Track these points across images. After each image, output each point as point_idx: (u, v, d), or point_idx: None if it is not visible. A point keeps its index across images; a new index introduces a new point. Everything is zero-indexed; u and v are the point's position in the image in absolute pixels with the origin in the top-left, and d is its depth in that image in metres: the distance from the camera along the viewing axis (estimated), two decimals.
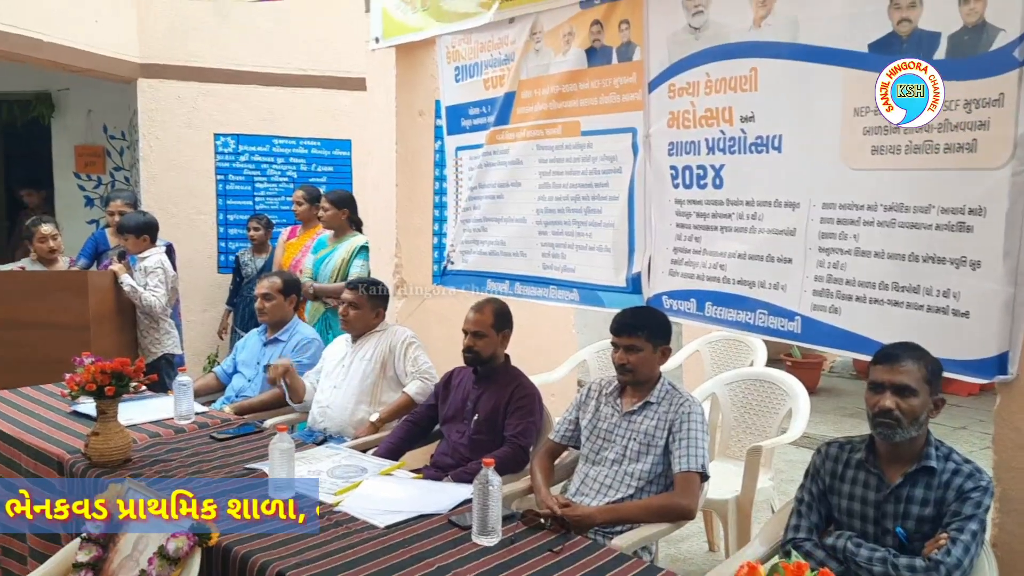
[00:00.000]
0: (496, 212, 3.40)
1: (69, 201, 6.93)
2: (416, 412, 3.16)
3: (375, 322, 3.53)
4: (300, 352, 3.79)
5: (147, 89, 5.71)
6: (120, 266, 4.43)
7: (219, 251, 6.02)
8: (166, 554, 1.84)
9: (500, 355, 2.99)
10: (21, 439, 2.84)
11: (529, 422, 2.85)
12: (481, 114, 3.45)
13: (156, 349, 4.55)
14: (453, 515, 2.17)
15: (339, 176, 6.19)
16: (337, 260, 4.85)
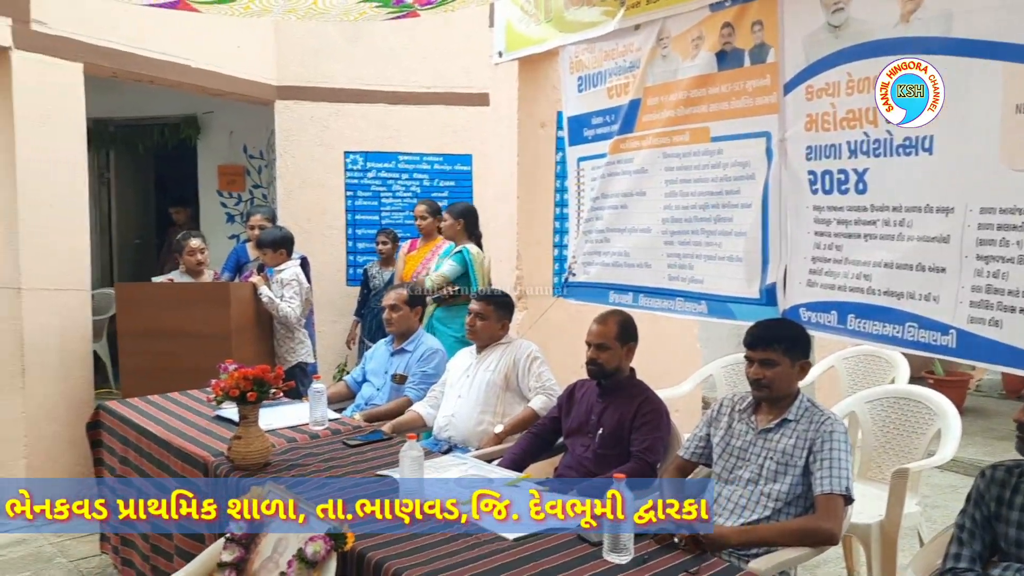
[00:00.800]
0: (620, 222, 3.35)
1: (212, 217, 7.39)
2: (540, 424, 3.14)
3: (500, 333, 3.55)
4: (424, 362, 3.85)
5: (283, 110, 6.01)
6: (259, 278, 4.66)
7: (348, 264, 6.23)
8: (304, 557, 1.89)
9: (625, 368, 2.94)
10: (170, 442, 3.01)
11: (656, 437, 2.78)
12: (604, 123, 3.41)
13: (291, 358, 4.74)
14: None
15: (460, 190, 6.29)
16: (443, 264, 4.92)
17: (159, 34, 4.88)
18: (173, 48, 5.01)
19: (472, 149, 6.21)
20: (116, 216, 8.04)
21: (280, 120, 6.02)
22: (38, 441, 4.36)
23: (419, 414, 3.57)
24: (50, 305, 4.38)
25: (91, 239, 4.70)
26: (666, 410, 2.87)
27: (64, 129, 4.44)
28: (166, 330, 4.35)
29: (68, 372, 4.49)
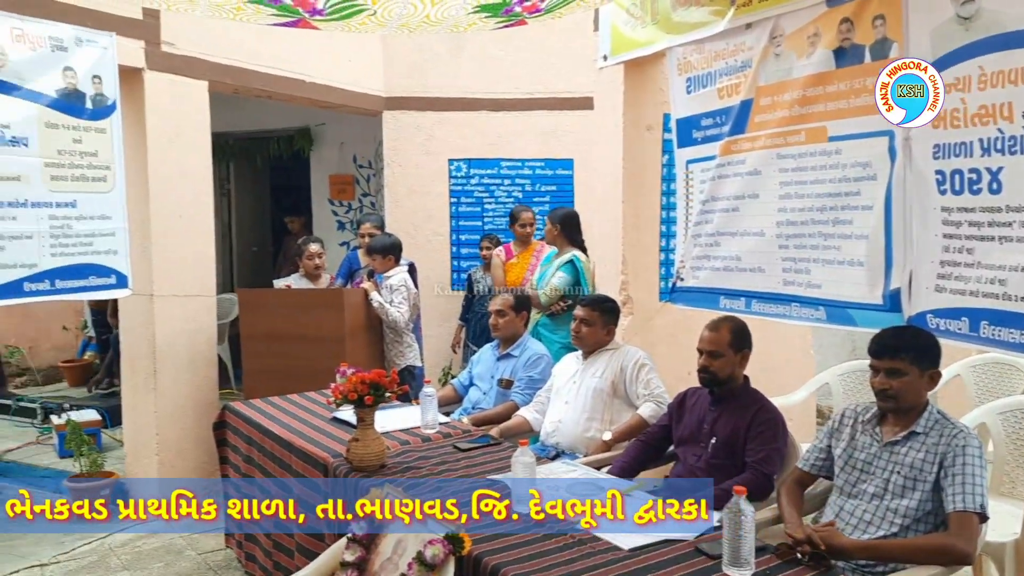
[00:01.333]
0: (731, 226, 3.28)
1: (324, 225, 7.68)
2: (649, 432, 3.11)
3: (606, 339, 3.53)
4: (530, 367, 3.88)
5: (390, 120, 6.18)
6: (370, 284, 4.80)
7: (452, 269, 6.34)
8: (424, 560, 1.94)
9: (738, 376, 2.87)
10: (291, 442, 3.14)
11: (773, 449, 2.70)
12: (714, 124, 3.34)
13: (400, 361, 4.87)
14: (701, 542, 2.10)
15: (561, 195, 6.30)
16: (548, 274, 4.93)
17: (277, 51, 5.12)
18: (289, 64, 5.24)
19: (573, 153, 6.20)
20: (235, 225, 8.48)
21: (387, 130, 6.19)
22: (168, 439, 4.64)
23: (526, 419, 3.59)
24: (179, 311, 4.66)
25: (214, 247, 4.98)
26: (783, 420, 2.79)
27: (192, 144, 4.71)
28: (285, 333, 4.55)
29: (195, 374, 4.76)
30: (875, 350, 2.33)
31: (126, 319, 4.66)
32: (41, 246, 3.36)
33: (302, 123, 7.62)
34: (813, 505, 2.60)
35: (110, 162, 3.62)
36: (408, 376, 4.81)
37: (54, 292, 3.41)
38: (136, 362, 4.63)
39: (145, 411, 4.61)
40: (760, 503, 2.63)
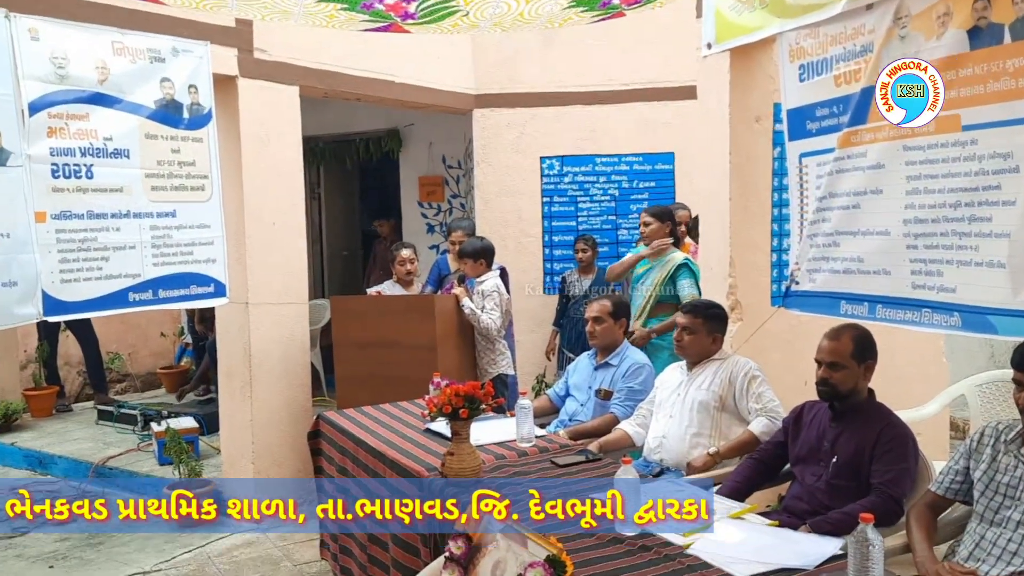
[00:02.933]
0: (851, 224, 3.15)
1: (414, 228, 7.83)
2: (763, 449, 3.04)
3: (712, 349, 3.47)
4: (631, 377, 3.85)
5: (480, 119, 6.24)
6: (461, 290, 4.87)
7: (545, 272, 6.36)
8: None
9: (862, 389, 2.77)
10: (385, 454, 3.22)
11: (902, 469, 2.59)
12: (831, 115, 3.22)
13: (492, 369, 4.93)
14: (823, 572, 2.04)
15: (661, 191, 6.22)
16: (654, 279, 4.88)
17: (366, 53, 5.26)
18: (378, 65, 5.37)
19: (674, 147, 6.11)
20: (326, 229, 8.75)
21: (477, 128, 6.26)
22: (264, 447, 4.84)
23: (627, 433, 3.57)
24: (273, 318, 4.85)
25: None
26: (913, 438, 2.68)
27: (284, 149, 4.90)
28: (376, 341, 4.68)
29: (289, 381, 4.94)
30: (1020, 362, 2.20)
31: (222, 327, 4.88)
32: (144, 256, 3.55)
33: (391, 124, 7.79)
34: (947, 533, 2.48)
35: (207, 171, 3.81)
36: (500, 385, 4.85)
37: (157, 302, 3.61)
38: (232, 370, 4.84)
39: (242, 419, 4.82)
40: (887, 529, 2.52)
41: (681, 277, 4.81)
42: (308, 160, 7.73)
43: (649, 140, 6.17)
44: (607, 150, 6.23)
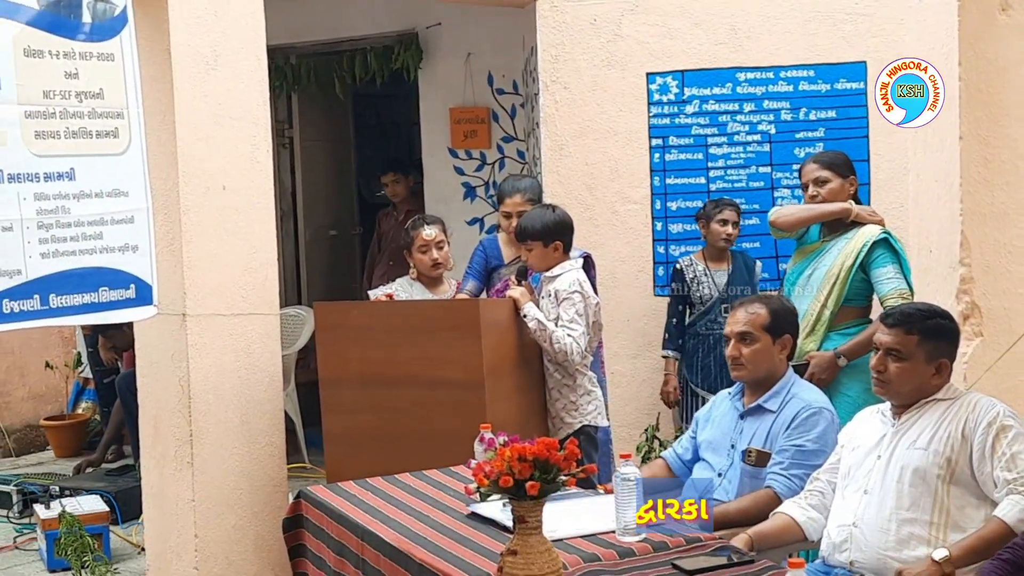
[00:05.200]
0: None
1: (443, 190, 7.86)
2: (1019, 546, 3.00)
3: (935, 383, 3.45)
4: (800, 431, 3.86)
5: (548, 13, 6.21)
6: (522, 291, 4.87)
7: (656, 260, 6.33)
8: None
9: None
10: (410, 554, 3.24)
11: None
12: None
13: (573, 418, 4.93)
14: None
15: (846, 126, 6.13)
16: (833, 266, 4.89)
17: None
18: None
19: (867, 54, 6.01)
20: (303, 196, 8.83)
21: (544, 31, 6.23)
22: (213, 542, 4.90)
23: (793, 519, 3.57)
24: (225, 338, 4.94)
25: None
26: None
27: (239, 70, 4.98)
28: (386, 374, 4.70)
29: (251, 438, 5.03)
30: None
31: (146, 353, 4.96)
32: (25, 242, 3.62)
33: (405, 25, 7.83)
34: None
35: (121, 107, 3.87)
36: (587, 442, 4.86)
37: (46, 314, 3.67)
38: (162, 422, 4.93)
39: (177, 498, 4.89)
40: None
41: (879, 263, 4.79)
42: (275, 85, 7.84)
43: (826, 44, 6.10)
44: (756, 61, 6.20)
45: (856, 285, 4.84)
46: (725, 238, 5.79)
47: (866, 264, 4.79)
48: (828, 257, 4.91)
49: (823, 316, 4.89)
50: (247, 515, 4.97)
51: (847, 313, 4.82)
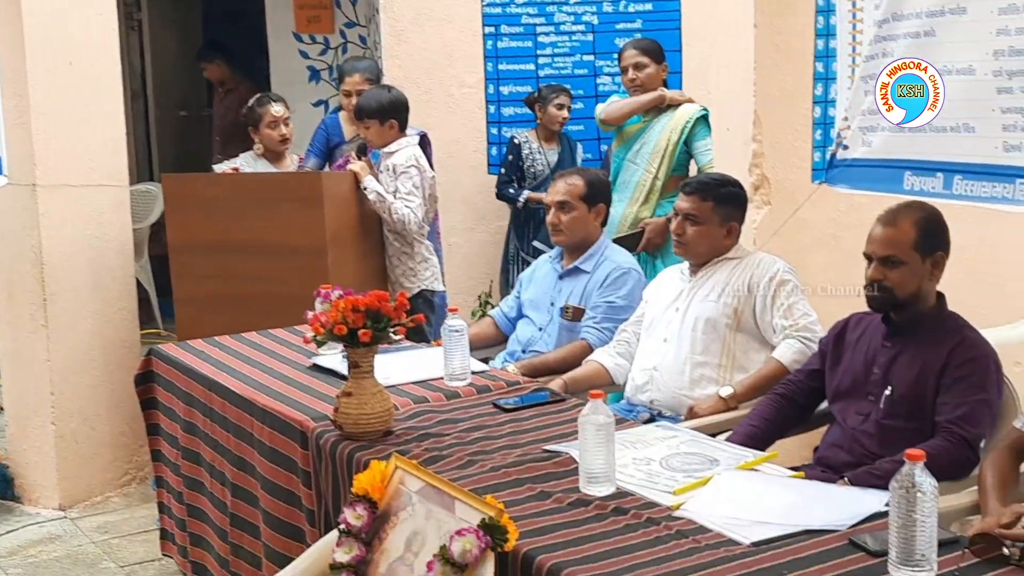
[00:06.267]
0: (922, 58, 3.25)
1: (289, 74, 7.72)
2: (792, 382, 3.22)
3: (726, 243, 3.62)
4: (611, 288, 4.00)
5: None
6: (362, 164, 4.91)
7: (489, 140, 6.41)
8: (449, 558, 2.09)
9: (928, 294, 2.95)
10: (254, 401, 3.33)
11: (978, 401, 2.80)
12: None
13: (411, 284, 5.03)
14: (856, 533, 2.20)
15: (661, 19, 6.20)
16: (659, 141, 5.05)
17: None
18: None
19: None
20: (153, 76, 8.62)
21: None
22: (70, 399, 4.92)
23: (603, 366, 3.74)
24: (76, 208, 4.88)
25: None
26: (995, 359, 2.86)
27: None
28: (233, 242, 4.71)
29: (105, 302, 5.01)
30: None
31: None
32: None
33: None
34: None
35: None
36: (424, 305, 4.97)
37: None
38: (16, 287, 4.88)
39: (32, 359, 4.88)
40: (956, 483, 2.73)
41: (699, 136, 5.01)
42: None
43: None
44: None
45: (681, 157, 5.06)
46: (560, 121, 5.92)
47: (689, 138, 5.00)
48: (653, 133, 5.09)
49: (655, 186, 5.09)
50: (101, 374, 4.99)
51: (675, 182, 4.95)
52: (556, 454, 2.78)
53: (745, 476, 2.60)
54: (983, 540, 2.11)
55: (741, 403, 3.39)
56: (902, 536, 2.00)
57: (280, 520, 3.15)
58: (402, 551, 2.28)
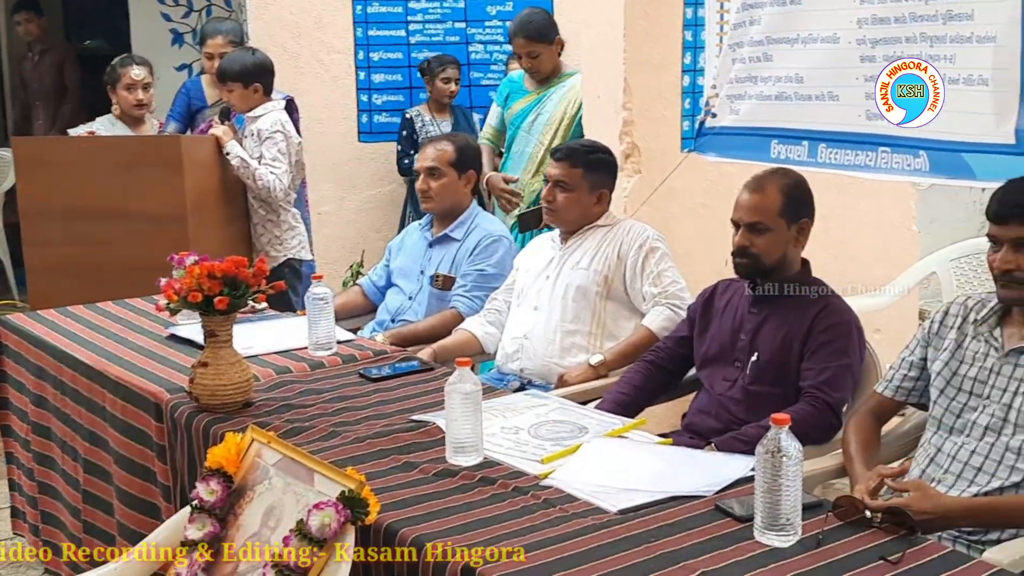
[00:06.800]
0: (786, 28, 3.30)
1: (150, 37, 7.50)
2: (660, 349, 3.22)
3: (596, 211, 3.60)
4: (481, 256, 3.96)
5: None
6: (224, 129, 4.77)
7: (359, 107, 6.31)
8: (307, 533, 2.01)
9: (794, 260, 2.97)
10: (106, 372, 3.19)
11: (841, 367, 2.82)
12: None
13: (277, 252, 4.93)
14: (722, 499, 2.20)
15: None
16: (555, 112, 4.98)
17: None
18: None
19: None
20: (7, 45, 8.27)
21: None
22: None
23: (473, 335, 3.69)
24: None
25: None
26: (858, 324, 2.90)
27: None
28: (88, 208, 4.53)
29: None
30: (997, 212, 2.40)
31: None
32: None
33: None
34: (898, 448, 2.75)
35: None
36: (291, 274, 4.88)
37: None
38: None
39: None
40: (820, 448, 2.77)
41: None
42: None
43: None
44: None
45: (577, 130, 4.92)
46: (448, 95, 5.89)
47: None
48: (550, 103, 5.00)
49: (547, 158, 4.99)
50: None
51: None
52: (423, 424, 2.73)
53: (613, 443, 2.59)
54: (846, 503, 2.13)
55: (611, 371, 3.38)
56: (767, 501, 2.01)
57: (134, 496, 3.03)
58: (258, 526, 2.21)
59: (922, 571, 1.92)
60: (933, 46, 2.87)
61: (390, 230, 5.95)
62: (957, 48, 2.81)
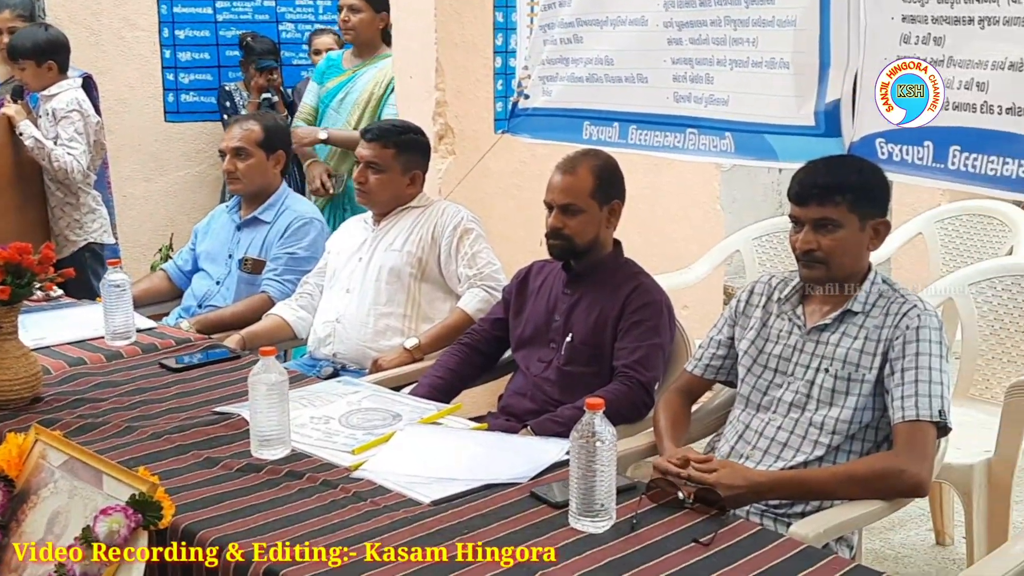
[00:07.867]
0: (596, 10, 3.32)
1: None
2: (476, 331, 3.19)
3: (409, 192, 3.54)
4: (293, 238, 3.86)
5: None
6: (17, 108, 4.56)
7: (164, 86, 6.14)
8: (94, 539, 1.88)
9: (606, 241, 2.98)
10: None
11: (653, 346, 2.83)
12: None
13: (77, 236, 4.74)
14: (537, 485, 2.17)
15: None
16: (363, 93, 4.86)
17: None
18: None
19: None
20: None
21: None
22: None
23: (284, 320, 3.59)
24: None
25: None
26: (668, 304, 2.91)
27: None
28: None
29: None
30: (798, 193, 2.43)
31: None
32: None
33: None
34: (707, 425, 2.76)
35: None
36: (92, 259, 4.75)
37: None
38: None
39: None
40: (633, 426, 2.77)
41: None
42: None
43: None
44: None
45: (386, 110, 4.83)
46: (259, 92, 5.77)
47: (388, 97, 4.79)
48: (360, 82, 4.86)
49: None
50: None
51: None
52: (227, 416, 2.63)
53: (427, 431, 2.54)
54: (659, 485, 2.13)
55: (426, 354, 3.34)
56: (582, 487, 1.99)
57: None
58: (42, 534, 2.04)
59: (733, 551, 1.92)
60: (737, 29, 2.94)
61: (201, 212, 5.73)
62: (759, 31, 2.88)
